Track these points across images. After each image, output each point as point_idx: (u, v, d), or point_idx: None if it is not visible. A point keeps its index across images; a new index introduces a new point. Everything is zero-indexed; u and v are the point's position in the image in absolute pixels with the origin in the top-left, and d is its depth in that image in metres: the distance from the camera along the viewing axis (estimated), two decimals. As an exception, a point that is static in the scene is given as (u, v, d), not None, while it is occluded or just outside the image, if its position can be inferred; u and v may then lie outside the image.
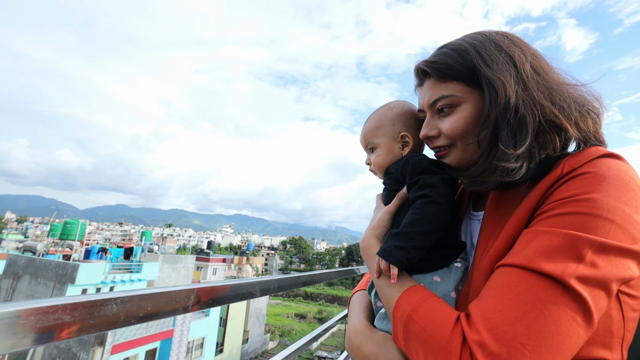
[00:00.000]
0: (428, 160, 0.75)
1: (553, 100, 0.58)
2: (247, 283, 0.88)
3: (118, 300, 0.52)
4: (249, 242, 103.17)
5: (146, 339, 13.80)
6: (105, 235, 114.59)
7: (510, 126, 0.58)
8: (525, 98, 0.58)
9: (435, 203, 0.65)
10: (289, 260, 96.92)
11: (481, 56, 0.62)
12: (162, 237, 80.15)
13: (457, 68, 0.64)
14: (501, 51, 0.62)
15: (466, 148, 0.66)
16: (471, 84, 0.64)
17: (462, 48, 0.65)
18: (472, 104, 0.64)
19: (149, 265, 17.49)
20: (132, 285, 16.25)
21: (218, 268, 30.84)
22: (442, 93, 0.66)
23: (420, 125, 0.75)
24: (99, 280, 14.64)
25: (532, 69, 0.61)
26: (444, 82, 0.66)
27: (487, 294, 0.51)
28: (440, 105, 0.67)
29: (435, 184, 0.68)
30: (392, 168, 0.83)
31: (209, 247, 39.09)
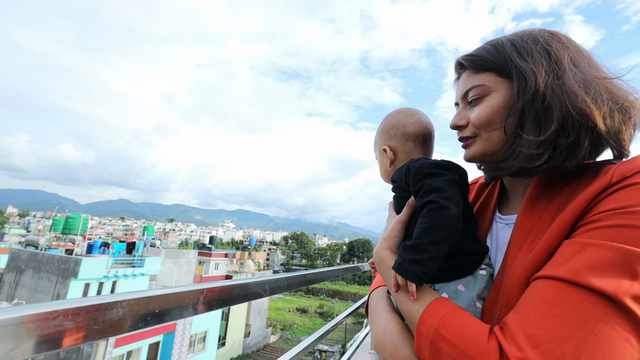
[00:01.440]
0: (428, 163, 0.70)
1: (588, 91, 0.56)
2: (255, 283, 0.83)
3: (124, 304, 0.48)
4: (251, 237, 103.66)
5: (149, 332, 13.90)
6: (108, 230, 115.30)
7: (536, 114, 0.58)
8: (555, 87, 0.57)
9: (443, 208, 0.60)
10: (291, 255, 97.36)
11: (516, 48, 0.63)
12: (164, 232, 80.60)
13: (490, 59, 0.65)
14: (537, 44, 0.62)
15: (490, 137, 0.65)
16: (503, 75, 0.64)
17: (499, 42, 0.66)
18: (502, 93, 0.63)
19: (151, 259, 17.57)
20: (135, 279, 16.34)
21: (220, 263, 31.02)
22: (474, 83, 0.67)
23: (404, 136, 0.82)
24: (101, 275, 14.72)
25: (571, 61, 0.60)
26: (477, 73, 0.67)
27: (528, 308, 0.47)
28: (471, 95, 0.67)
29: (439, 187, 0.63)
30: (396, 177, 0.79)
31: (211, 242, 39.31)
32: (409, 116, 0.85)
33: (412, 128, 0.83)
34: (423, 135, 0.83)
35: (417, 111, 0.86)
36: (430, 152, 0.85)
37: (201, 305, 0.62)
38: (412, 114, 0.85)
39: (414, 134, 0.82)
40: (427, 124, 0.84)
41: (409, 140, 0.83)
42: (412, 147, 0.83)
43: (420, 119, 0.84)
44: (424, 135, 0.83)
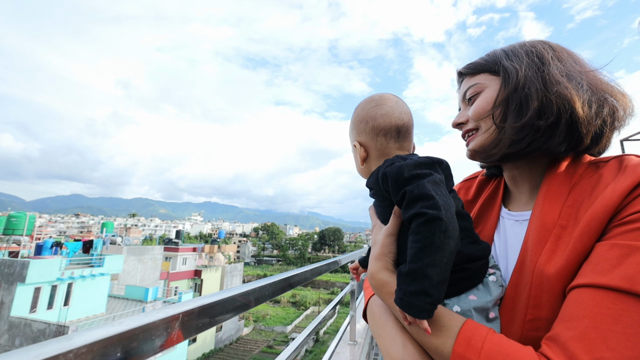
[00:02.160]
0: (408, 165, 0.60)
1: (569, 80, 0.61)
2: (239, 294, 0.72)
3: (70, 355, 0.29)
4: (220, 230, 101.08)
5: (112, 335, 13.12)
6: (60, 228, 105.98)
7: (518, 102, 0.63)
8: (533, 78, 0.63)
9: (434, 220, 0.51)
10: (262, 246, 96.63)
11: (504, 52, 0.71)
12: (125, 228, 75.70)
13: (483, 63, 0.73)
14: (523, 47, 0.69)
15: (489, 129, 0.68)
16: (495, 74, 0.70)
17: (491, 51, 0.75)
18: (494, 87, 0.69)
19: (111, 258, 16.42)
20: (94, 280, 15.21)
21: (188, 258, 29.92)
22: (471, 83, 0.73)
23: (373, 130, 0.74)
24: (54, 277, 13.50)
25: (555, 57, 0.65)
26: (473, 76, 0.74)
27: (584, 324, 0.42)
28: (469, 94, 0.73)
29: (424, 194, 0.54)
30: (372, 183, 0.70)
31: (178, 237, 37.65)
32: (379, 106, 0.74)
33: (382, 121, 0.72)
34: (396, 128, 0.72)
35: (389, 98, 0.75)
36: (408, 145, 0.75)
37: (177, 334, 0.46)
38: (382, 102, 0.74)
39: (384, 127, 0.72)
40: (400, 114, 0.73)
41: (379, 135, 0.72)
42: (383, 142, 0.73)
43: (392, 108, 0.73)
44: (398, 127, 0.72)
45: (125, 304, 17.33)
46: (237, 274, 33.56)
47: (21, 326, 11.39)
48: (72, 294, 14.32)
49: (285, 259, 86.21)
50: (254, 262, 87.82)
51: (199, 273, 28.69)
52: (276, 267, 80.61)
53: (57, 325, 10.89)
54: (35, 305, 13.15)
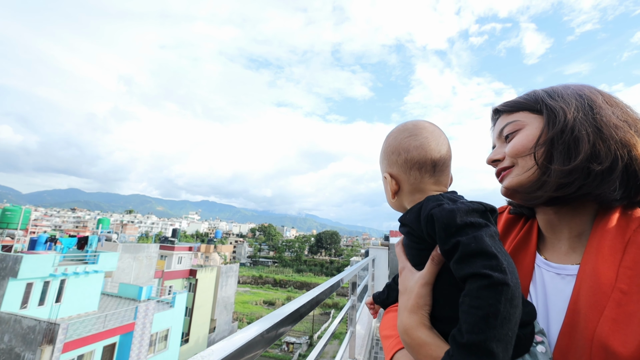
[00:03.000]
0: (461, 210, 0.52)
1: (629, 125, 0.59)
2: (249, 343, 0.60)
3: None
4: (217, 230, 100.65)
5: (104, 334, 12.89)
6: (55, 222, 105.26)
7: (565, 144, 0.60)
8: (584, 120, 0.60)
9: (500, 285, 0.44)
10: (258, 247, 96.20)
11: (547, 92, 0.68)
12: (121, 224, 75.24)
13: (522, 101, 0.70)
14: (568, 89, 0.67)
15: (526, 165, 0.64)
16: (535, 112, 0.68)
17: (532, 91, 0.72)
18: (534, 125, 0.66)
19: (106, 255, 16.23)
20: (88, 277, 15.02)
21: (184, 257, 29.69)
22: (509, 120, 0.71)
23: (406, 163, 0.67)
24: (47, 273, 13.30)
25: (605, 102, 0.63)
26: (512, 113, 0.71)
27: None
28: (506, 131, 0.70)
29: (484, 251, 0.47)
30: (409, 221, 0.62)
31: (174, 235, 37.41)
32: (413, 137, 0.66)
33: (416, 154, 0.65)
34: (432, 162, 0.65)
35: (424, 127, 0.67)
36: (445, 180, 0.67)
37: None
38: (416, 133, 0.66)
39: (419, 161, 0.65)
40: (437, 145, 0.65)
41: (413, 168, 0.65)
42: (417, 176, 0.65)
43: (428, 140, 0.65)
44: (434, 161, 0.65)
45: (118, 302, 17.12)
46: (233, 275, 33.31)
47: (11, 322, 11.17)
48: (64, 291, 14.12)
49: (281, 261, 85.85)
50: (250, 263, 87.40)
51: (194, 273, 28.44)
52: (272, 268, 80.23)
53: (48, 323, 10.69)
54: (27, 301, 12.94)
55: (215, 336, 29.35)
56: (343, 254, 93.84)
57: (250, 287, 61.57)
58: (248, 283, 64.93)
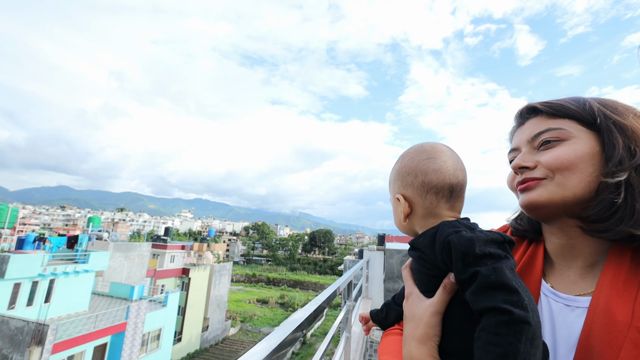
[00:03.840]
0: (480, 239, 0.50)
1: None
2: None
3: None
4: (210, 228, 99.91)
5: (94, 334, 12.71)
6: (44, 220, 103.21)
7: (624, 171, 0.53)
8: None
9: (521, 323, 0.41)
10: (252, 246, 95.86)
11: (605, 106, 0.59)
12: (112, 223, 74.18)
13: (573, 108, 0.59)
14: (629, 110, 0.59)
15: (566, 183, 0.56)
16: (587, 126, 0.58)
17: (580, 98, 0.61)
18: (585, 141, 0.57)
19: (97, 254, 15.97)
20: (78, 277, 14.77)
21: (176, 255, 29.42)
22: (550, 126, 0.60)
23: (423, 186, 0.64)
24: (35, 273, 13.04)
25: None
26: (554, 118, 0.61)
27: None
28: (545, 137, 0.60)
29: (505, 285, 0.44)
30: (422, 246, 0.60)
31: (166, 234, 36.96)
32: (431, 159, 0.64)
33: (434, 177, 0.62)
34: (450, 187, 0.63)
35: (443, 151, 0.65)
36: (459, 206, 0.65)
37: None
38: (435, 155, 0.64)
39: (436, 185, 0.62)
40: (455, 170, 0.63)
41: (429, 192, 0.63)
42: (434, 201, 0.63)
43: (446, 163, 0.63)
44: (452, 186, 0.63)
45: (109, 301, 16.89)
46: (226, 274, 33.14)
47: (-2, 323, 10.95)
48: (53, 291, 13.86)
49: (275, 259, 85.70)
50: (243, 262, 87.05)
51: (186, 271, 28.21)
52: (265, 267, 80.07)
53: (37, 323, 10.50)
54: (14, 302, 12.67)
55: (208, 335, 29.20)
56: (337, 252, 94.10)
57: (244, 285, 61.37)
58: (241, 281, 64.69)
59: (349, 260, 14.55)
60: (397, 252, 5.80)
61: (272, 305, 47.20)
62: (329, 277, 69.80)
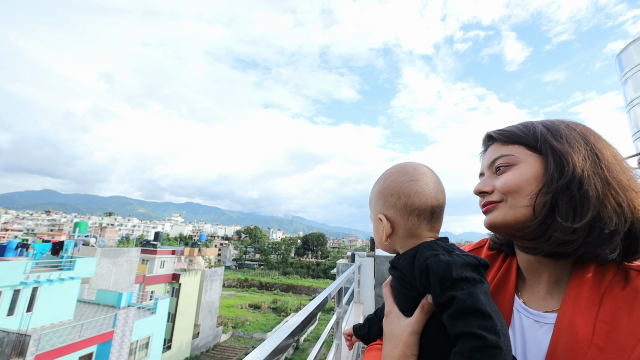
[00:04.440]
0: (457, 263, 0.52)
1: (630, 180, 0.57)
2: None
3: None
4: (201, 233, 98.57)
5: (79, 344, 12.30)
6: (28, 226, 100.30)
7: (571, 199, 0.56)
8: (593, 175, 0.56)
9: (493, 348, 0.44)
10: (244, 250, 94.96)
11: (548, 129, 0.63)
12: (100, 228, 72.39)
13: (520, 134, 0.65)
14: (573, 131, 0.62)
15: (516, 205, 0.61)
16: (533, 149, 0.63)
17: (529, 123, 0.68)
18: (531, 165, 0.62)
19: (83, 261, 15.52)
20: (63, 284, 14.31)
21: (166, 261, 28.89)
22: (502, 152, 0.67)
23: (406, 208, 0.66)
24: (17, 281, 12.59)
25: (613, 156, 0.59)
26: (506, 145, 0.67)
27: None
28: (498, 163, 0.66)
29: (479, 310, 0.47)
30: (401, 267, 0.62)
31: (156, 238, 36.28)
32: (414, 181, 0.65)
33: (417, 200, 0.64)
34: (431, 209, 0.64)
35: (424, 173, 0.67)
36: (438, 227, 0.67)
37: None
38: (417, 177, 0.66)
39: (419, 207, 0.64)
40: (436, 193, 0.65)
41: (412, 214, 0.64)
42: (415, 222, 0.64)
43: (428, 186, 0.65)
44: (432, 208, 0.64)
45: (96, 309, 16.42)
46: (217, 279, 32.67)
47: (-23, 334, 10.50)
48: (36, 299, 13.39)
49: (267, 264, 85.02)
50: (236, 266, 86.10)
51: (177, 277, 27.69)
52: (258, 271, 79.33)
53: (18, 334, 10.11)
54: (-5, 311, 12.21)
55: (198, 342, 28.67)
56: (329, 255, 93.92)
57: (236, 290, 60.63)
58: (233, 286, 63.92)
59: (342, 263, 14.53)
60: (387, 258, 5.79)
61: (265, 310, 46.70)
62: (322, 280, 69.53)
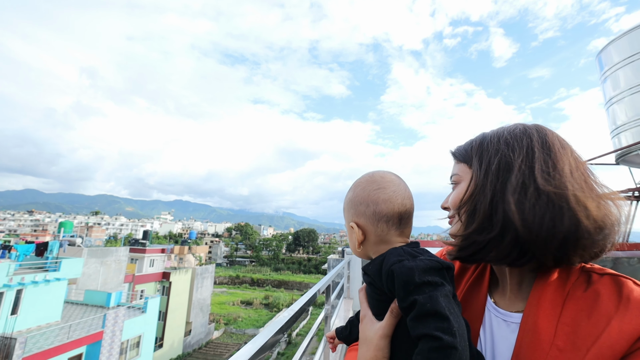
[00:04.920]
0: (419, 268, 0.55)
1: (520, 196, 0.55)
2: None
3: None
4: (191, 230, 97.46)
5: (68, 345, 12.13)
6: (10, 226, 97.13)
7: (468, 210, 0.62)
8: (487, 186, 0.59)
9: (448, 348, 0.48)
10: (235, 247, 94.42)
11: (481, 143, 0.66)
12: (87, 227, 70.69)
13: (463, 153, 0.70)
14: (497, 141, 0.63)
15: (462, 220, 0.66)
16: (469, 166, 0.68)
17: (482, 136, 0.69)
18: (467, 182, 0.67)
19: (69, 261, 15.20)
20: (48, 286, 14.00)
21: (156, 259, 28.51)
22: (453, 171, 0.73)
23: (374, 215, 0.70)
24: (0, 284, 12.29)
25: (544, 162, 0.56)
26: (457, 162, 0.72)
27: None
28: (452, 181, 0.73)
29: (438, 313, 0.50)
30: (371, 273, 0.66)
31: (145, 237, 35.71)
32: (381, 189, 0.69)
33: (384, 207, 0.68)
34: (399, 215, 0.68)
35: (391, 180, 0.71)
36: (408, 232, 0.71)
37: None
38: (384, 185, 0.70)
39: (386, 214, 0.68)
40: (403, 199, 0.69)
41: (380, 221, 0.68)
42: (384, 228, 0.68)
43: (395, 193, 0.69)
44: (400, 214, 0.68)
45: (84, 310, 16.16)
46: (208, 276, 32.49)
47: (-41, 339, 10.24)
48: (21, 302, 13.07)
49: (258, 260, 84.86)
50: (227, 263, 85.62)
51: (167, 275, 27.42)
52: (249, 267, 79.16)
53: (2, 337, 9.91)
54: (-22, 315, 11.89)
55: (190, 339, 28.55)
56: (321, 251, 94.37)
57: (227, 287, 60.40)
58: (225, 283, 63.65)
59: (333, 259, 14.65)
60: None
61: (257, 307, 46.75)
62: (313, 276, 69.91)
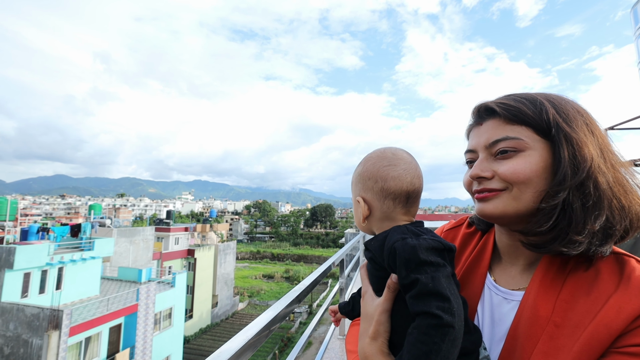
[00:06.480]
0: (422, 247, 0.55)
1: (631, 188, 0.54)
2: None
3: None
4: (212, 209, 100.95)
5: (108, 316, 13.28)
6: (45, 210, 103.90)
7: (589, 198, 0.52)
8: (604, 170, 0.53)
9: (447, 327, 0.48)
10: (254, 224, 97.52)
11: (559, 113, 0.56)
12: (114, 209, 74.58)
13: (529, 114, 0.57)
14: (579, 115, 0.57)
15: (521, 196, 0.56)
16: (542, 134, 0.56)
17: (535, 98, 0.58)
18: (540, 153, 0.56)
19: (102, 241, 16.28)
20: (85, 264, 15.15)
21: (180, 237, 30.02)
22: (508, 134, 0.57)
23: (382, 192, 0.66)
24: (43, 262, 13.36)
25: (611, 151, 0.56)
26: (511, 124, 0.58)
27: None
28: (503, 146, 0.58)
29: (439, 293, 0.51)
30: (373, 249, 0.65)
31: (169, 217, 37.44)
32: (392, 166, 0.67)
33: (393, 184, 0.66)
34: (407, 194, 0.66)
35: (402, 158, 0.68)
36: (414, 211, 0.69)
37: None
38: (395, 162, 0.67)
39: (394, 192, 0.66)
40: (413, 178, 0.66)
41: (387, 198, 0.66)
42: (391, 206, 0.66)
43: (405, 171, 0.66)
44: (408, 193, 0.66)
45: (119, 285, 17.46)
46: (231, 252, 34.00)
47: (14, 311, 11.38)
48: (64, 278, 14.28)
49: (277, 236, 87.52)
50: (247, 240, 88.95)
51: (192, 252, 28.91)
52: (269, 243, 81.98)
53: (51, 309, 10.93)
54: (27, 291, 13.10)
55: (217, 310, 30.50)
56: (338, 226, 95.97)
57: (249, 262, 63.18)
58: (246, 259, 66.54)
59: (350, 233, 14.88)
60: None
61: (278, 280, 48.91)
62: (331, 250, 71.63)
